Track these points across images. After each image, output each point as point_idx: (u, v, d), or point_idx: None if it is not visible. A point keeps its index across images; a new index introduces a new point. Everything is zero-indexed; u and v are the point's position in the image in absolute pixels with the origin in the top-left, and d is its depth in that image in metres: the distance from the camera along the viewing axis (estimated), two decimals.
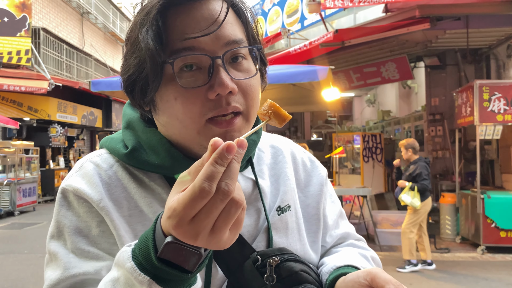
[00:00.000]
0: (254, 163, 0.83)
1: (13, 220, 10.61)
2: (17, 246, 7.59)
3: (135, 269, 0.55)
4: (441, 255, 6.40)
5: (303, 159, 0.92)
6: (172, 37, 0.66)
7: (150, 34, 0.66)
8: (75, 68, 16.69)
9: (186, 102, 0.66)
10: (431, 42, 8.01)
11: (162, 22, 0.66)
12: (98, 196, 0.71)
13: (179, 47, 0.66)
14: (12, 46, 12.82)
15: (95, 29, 20.26)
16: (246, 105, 0.70)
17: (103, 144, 0.81)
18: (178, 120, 0.68)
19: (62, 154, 17.14)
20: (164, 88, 0.68)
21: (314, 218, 0.87)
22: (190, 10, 0.67)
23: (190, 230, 0.50)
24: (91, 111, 17.13)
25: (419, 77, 10.98)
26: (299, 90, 7.12)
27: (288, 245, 0.79)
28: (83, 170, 0.75)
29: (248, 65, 0.72)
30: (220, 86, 0.65)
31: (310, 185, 0.89)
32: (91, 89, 6.02)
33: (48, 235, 0.75)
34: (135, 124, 0.78)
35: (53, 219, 0.75)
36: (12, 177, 11.76)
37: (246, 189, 0.79)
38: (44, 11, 15.33)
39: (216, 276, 0.72)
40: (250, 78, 0.71)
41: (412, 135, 11.13)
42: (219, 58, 0.66)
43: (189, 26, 0.66)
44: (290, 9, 10.63)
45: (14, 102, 13.12)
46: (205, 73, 0.67)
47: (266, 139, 0.92)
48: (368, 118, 17.20)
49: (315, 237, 0.86)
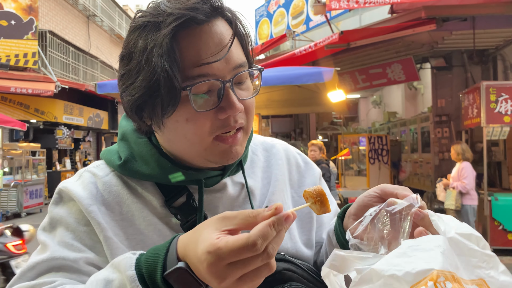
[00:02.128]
0: (247, 167, 0.87)
1: (20, 221, 10.67)
2: None
3: (135, 280, 0.57)
4: None
5: (297, 160, 0.96)
6: (186, 61, 0.68)
7: (166, 59, 0.66)
8: (81, 70, 16.79)
9: (197, 124, 0.70)
10: (437, 43, 7.97)
11: (175, 44, 0.67)
12: (88, 201, 0.75)
13: (194, 74, 0.68)
14: (19, 48, 12.92)
15: (101, 32, 20.37)
16: (247, 121, 0.75)
17: (102, 156, 0.84)
18: (186, 139, 0.72)
19: (68, 156, 17.23)
20: (176, 110, 0.70)
21: (307, 216, 0.90)
22: (201, 34, 0.69)
23: (222, 272, 0.53)
24: (97, 113, 17.22)
25: (425, 78, 10.94)
26: (305, 92, 7.11)
27: None
28: (82, 178, 0.80)
29: (249, 84, 0.76)
30: (231, 108, 0.69)
31: (303, 185, 0.93)
32: (97, 92, 6.05)
33: (40, 227, 0.79)
34: (128, 135, 0.81)
35: (47, 214, 0.79)
36: (19, 179, 11.83)
37: (235, 192, 0.83)
38: (51, 14, 15.44)
39: None
40: (252, 97, 0.75)
41: (418, 137, 11.08)
42: (229, 82, 0.70)
43: (202, 51, 0.68)
44: (295, 10, 10.64)
45: (21, 105, 13.22)
46: (215, 96, 0.70)
47: (260, 142, 0.95)
48: (374, 119, 17.15)
49: (309, 234, 0.89)
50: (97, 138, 20.57)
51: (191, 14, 0.67)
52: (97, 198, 0.76)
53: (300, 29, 10.18)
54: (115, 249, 0.73)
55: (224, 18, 0.72)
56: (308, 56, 7.25)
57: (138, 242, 0.75)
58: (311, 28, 10.14)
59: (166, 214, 0.77)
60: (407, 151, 11.75)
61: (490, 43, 8.21)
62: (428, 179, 10.95)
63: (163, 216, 0.77)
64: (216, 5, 0.71)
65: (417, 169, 11.93)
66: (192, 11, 0.67)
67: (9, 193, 11.07)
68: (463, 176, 5.98)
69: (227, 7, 0.73)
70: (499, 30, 7.25)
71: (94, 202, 0.75)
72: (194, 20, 0.68)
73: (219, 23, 0.71)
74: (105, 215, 0.75)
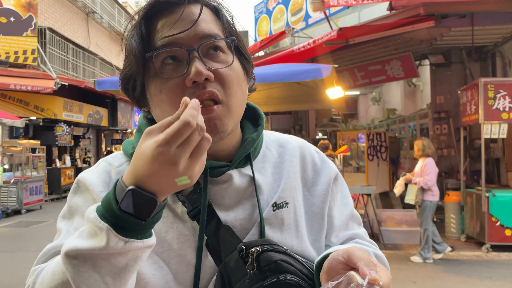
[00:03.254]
0: (258, 161, 0.87)
1: (20, 218, 10.71)
2: (24, 244, 7.67)
3: (97, 218, 0.62)
4: (445, 254, 6.39)
5: (313, 158, 0.94)
6: (154, 38, 0.75)
7: (134, 37, 0.75)
8: (81, 67, 16.79)
9: (169, 93, 0.74)
10: (436, 40, 7.98)
11: (146, 26, 0.76)
12: (100, 188, 0.80)
13: (158, 45, 0.74)
14: (19, 45, 12.92)
15: (101, 28, 20.35)
16: (224, 94, 0.76)
17: (122, 145, 0.91)
18: (166, 111, 0.75)
19: (68, 153, 17.26)
20: (150, 83, 0.76)
21: (317, 217, 0.88)
22: (171, 14, 0.75)
23: (174, 156, 0.59)
24: (97, 110, 17.23)
25: (424, 75, 10.94)
26: (304, 88, 7.12)
27: (282, 240, 0.81)
28: (98, 167, 0.86)
29: (226, 57, 0.78)
30: (196, 74, 0.72)
31: (317, 184, 0.91)
32: (96, 88, 6.05)
33: (60, 215, 0.85)
34: (142, 127, 0.87)
35: (66, 203, 0.85)
36: (19, 175, 11.87)
37: (241, 184, 0.83)
38: (50, 10, 15.42)
39: (207, 265, 0.77)
40: (226, 67, 0.77)
41: (417, 133, 11.09)
42: (194, 51, 0.74)
43: (168, 27, 0.74)
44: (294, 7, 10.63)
45: (20, 102, 13.23)
46: (184, 65, 0.74)
47: (276, 138, 0.95)
48: (374, 116, 17.16)
49: (317, 235, 0.88)
50: (96, 135, 20.58)
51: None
52: (109, 186, 0.81)
53: (299, 25, 10.17)
54: None
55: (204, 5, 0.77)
56: (307, 53, 7.25)
57: None
58: (310, 24, 10.13)
59: (173, 203, 0.80)
60: (406, 147, 11.77)
61: (489, 40, 8.21)
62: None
63: (170, 204, 0.80)
64: None
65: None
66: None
67: (9, 190, 11.10)
68: (426, 172, 6.04)
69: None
70: (498, 26, 7.25)
71: (106, 189, 0.80)
72: (166, 2, 0.75)
73: (193, 6, 0.76)
74: None
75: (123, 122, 19.34)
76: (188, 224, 0.78)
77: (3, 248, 7.40)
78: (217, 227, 0.78)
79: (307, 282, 0.76)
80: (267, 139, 0.93)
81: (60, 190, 14.88)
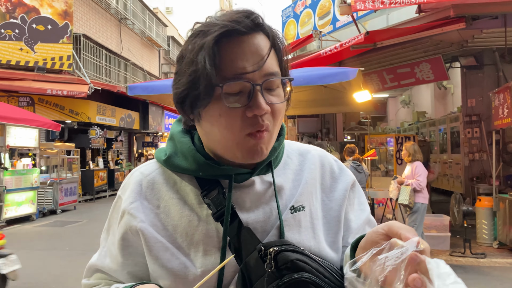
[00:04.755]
0: (279, 168, 0.95)
1: (56, 218, 11.11)
2: (59, 243, 7.97)
3: None
4: (476, 260, 6.25)
5: (331, 166, 1.00)
6: (224, 64, 0.80)
7: (207, 60, 0.78)
8: (113, 72, 17.27)
9: (228, 118, 0.80)
10: (467, 42, 7.81)
11: (217, 50, 0.79)
12: (130, 199, 0.90)
13: (229, 75, 0.80)
14: (55, 52, 13.44)
15: (133, 34, 20.87)
16: (273, 125, 0.84)
17: (154, 153, 1.00)
18: (219, 132, 0.82)
19: (101, 155, 17.75)
20: (211, 105, 0.82)
21: (335, 220, 0.94)
22: (240, 43, 0.80)
23: None
24: (128, 114, 17.67)
25: (455, 78, 10.71)
26: (331, 92, 7.12)
27: (300, 241, 0.87)
28: (132, 178, 0.95)
29: (280, 92, 0.86)
30: (258, 108, 0.79)
31: (335, 190, 0.97)
32: (128, 93, 6.24)
33: (104, 227, 0.98)
34: (174, 136, 0.95)
35: (108, 216, 0.97)
36: (54, 177, 12.32)
37: (262, 189, 0.90)
38: (85, 18, 15.96)
39: (230, 264, 0.84)
40: (281, 103, 0.85)
41: (448, 137, 10.86)
42: (258, 85, 0.80)
43: (238, 58, 0.80)
44: (322, 11, 10.62)
45: (56, 106, 13.74)
46: (245, 97, 0.81)
47: (297, 147, 1.02)
48: (403, 119, 16.88)
49: (335, 237, 0.93)
50: (128, 138, 21.08)
51: (234, 25, 0.79)
52: (141, 195, 0.90)
53: (327, 29, 10.15)
54: (149, 238, 0.86)
55: (264, 33, 0.83)
56: (334, 57, 7.24)
57: (172, 232, 0.87)
58: (338, 28, 10.10)
59: (198, 206, 0.88)
60: (436, 151, 11.54)
61: None
62: (458, 180, 10.73)
63: (195, 208, 0.88)
64: (257, 21, 0.82)
65: (446, 170, 11.70)
66: (235, 24, 0.79)
67: (45, 191, 11.54)
68: (417, 174, 6.08)
69: (267, 24, 0.85)
70: None
71: (138, 198, 0.90)
72: (235, 31, 0.79)
73: (258, 36, 0.82)
74: (146, 208, 0.89)
75: (154, 125, 19.75)
76: (212, 226, 0.86)
77: (40, 246, 7.71)
78: (239, 228, 0.85)
79: (323, 280, 0.81)
80: (288, 148, 1.00)
81: (93, 191, 15.33)
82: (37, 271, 6.04)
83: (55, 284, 5.54)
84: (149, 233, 0.86)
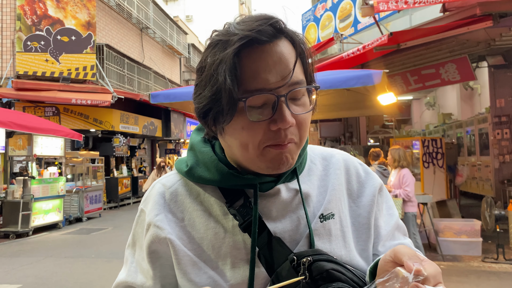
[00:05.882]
0: (304, 175, 0.91)
1: (81, 225, 11.28)
2: (85, 251, 8.06)
3: None
4: (511, 267, 6.01)
5: (357, 170, 0.96)
6: (245, 77, 0.75)
7: (228, 74, 0.74)
8: (135, 81, 17.52)
9: (251, 131, 0.76)
10: (494, 41, 7.58)
11: (238, 62, 0.75)
12: (155, 211, 0.87)
13: (251, 88, 0.75)
14: (79, 62, 13.72)
15: (154, 43, 21.16)
16: (299, 135, 0.80)
17: (175, 165, 0.96)
18: (241, 145, 0.78)
19: (125, 163, 18.00)
20: (234, 118, 0.77)
21: (364, 227, 0.91)
22: (261, 53, 0.76)
23: None
24: (151, 121, 17.88)
25: (482, 78, 10.43)
26: (354, 95, 7.01)
27: (331, 250, 0.84)
28: (153, 190, 0.91)
29: (305, 100, 0.81)
30: (282, 121, 0.75)
31: (362, 195, 0.93)
32: (151, 101, 6.29)
33: (127, 243, 0.94)
34: (195, 146, 0.91)
35: (131, 231, 0.94)
36: (80, 185, 12.53)
37: (288, 198, 0.87)
38: (107, 28, 16.26)
39: (260, 276, 0.81)
40: (307, 113, 0.80)
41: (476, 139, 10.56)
42: (283, 97, 0.76)
43: (261, 69, 0.75)
44: (342, 13, 10.51)
45: (81, 115, 14.01)
46: (269, 108, 0.76)
47: (320, 152, 0.98)
48: (428, 121, 16.54)
49: (365, 245, 0.90)
50: (151, 145, 21.33)
51: (253, 35, 0.74)
52: (164, 207, 0.87)
53: (348, 31, 10.03)
54: (177, 251, 0.83)
55: (287, 38, 0.78)
56: (357, 59, 7.13)
57: (198, 245, 0.84)
58: (359, 30, 9.96)
59: (223, 217, 0.85)
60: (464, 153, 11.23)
61: None
62: (488, 183, 10.41)
63: (220, 219, 0.85)
64: (278, 26, 0.77)
65: (475, 173, 11.36)
66: (255, 33, 0.74)
67: (71, 199, 11.74)
68: (405, 183, 5.82)
69: (290, 30, 0.79)
70: None
71: (162, 211, 0.87)
72: (256, 40, 0.74)
73: (281, 43, 0.77)
74: (171, 221, 0.86)
75: (176, 132, 19.92)
76: (239, 237, 0.82)
77: (66, 254, 7.81)
78: (269, 238, 0.82)
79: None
80: (311, 153, 0.96)
81: (117, 199, 15.53)
82: (64, 278, 6.11)
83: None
84: (177, 245, 0.83)
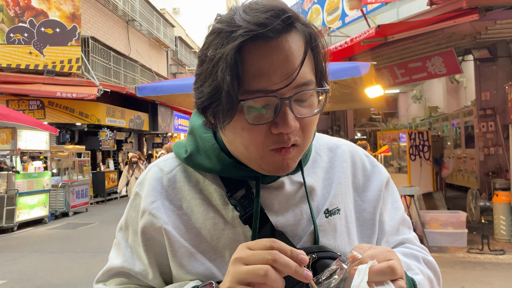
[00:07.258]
0: (308, 166, 0.87)
1: (68, 220, 11.16)
2: (72, 245, 7.97)
3: None
4: (495, 257, 6.11)
5: (364, 163, 0.92)
6: (247, 75, 0.68)
7: (228, 71, 0.67)
8: (122, 74, 17.32)
9: (252, 134, 0.70)
10: (480, 34, 7.66)
11: (239, 59, 0.67)
12: (151, 198, 0.82)
13: (253, 89, 0.68)
14: (64, 55, 13.49)
15: (140, 36, 20.92)
16: (303, 139, 0.73)
17: (173, 148, 0.90)
18: (242, 145, 0.73)
19: (111, 157, 17.84)
20: (234, 118, 0.71)
21: (369, 223, 0.88)
22: (267, 50, 0.68)
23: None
24: (138, 115, 17.71)
25: (468, 71, 10.54)
26: (341, 88, 7.01)
27: (336, 247, 0.81)
28: (149, 174, 0.87)
29: (313, 101, 0.73)
30: (284, 126, 0.68)
31: (368, 189, 0.90)
32: (137, 94, 6.21)
33: (118, 225, 0.89)
34: (195, 130, 0.85)
35: (124, 214, 0.89)
36: (66, 179, 12.37)
37: (292, 191, 0.83)
38: (93, 20, 16.01)
39: None
40: (313, 116, 0.73)
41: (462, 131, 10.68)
42: (287, 100, 0.69)
43: (264, 69, 0.68)
44: (330, 6, 10.50)
45: (66, 108, 13.80)
46: (271, 110, 0.69)
47: (325, 142, 0.93)
48: (415, 114, 16.70)
49: (369, 241, 0.87)
50: (138, 139, 21.15)
51: (259, 30, 0.66)
52: (161, 194, 0.83)
53: (336, 24, 10.04)
54: (173, 242, 0.79)
55: (298, 31, 0.70)
56: (345, 52, 7.14)
57: (196, 235, 0.80)
58: (347, 23, 9.97)
59: (223, 207, 0.80)
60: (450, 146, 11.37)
61: None
62: (473, 175, 10.56)
63: (220, 209, 0.81)
64: (289, 21, 0.69)
65: (461, 165, 11.52)
66: (262, 27, 0.66)
67: (57, 193, 11.59)
68: None
69: (302, 21, 0.71)
70: None
71: (159, 197, 0.82)
72: (261, 36, 0.67)
73: (290, 38, 0.69)
74: (168, 209, 0.81)
75: (163, 126, 19.78)
76: (239, 230, 0.79)
77: (52, 249, 7.72)
78: (272, 233, 0.78)
79: None
80: (316, 144, 0.92)
81: (104, 193, 15.39)
82: (50, 273, 6.04)
83: (68, 286, 5.52)
84: (173, 236, 0.79)
